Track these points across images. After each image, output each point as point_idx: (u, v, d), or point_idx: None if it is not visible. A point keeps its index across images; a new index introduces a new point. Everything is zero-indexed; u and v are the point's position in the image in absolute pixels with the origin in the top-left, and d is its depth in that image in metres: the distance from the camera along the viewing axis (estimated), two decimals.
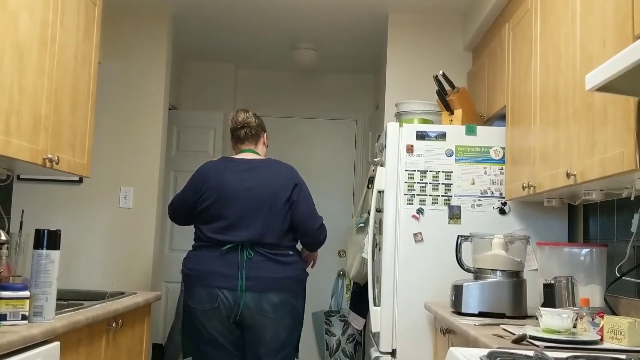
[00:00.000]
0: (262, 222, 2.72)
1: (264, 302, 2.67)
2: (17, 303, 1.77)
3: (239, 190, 2.75)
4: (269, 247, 2.73)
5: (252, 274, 2.68)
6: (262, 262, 2.71)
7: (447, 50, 3.77)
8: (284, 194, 2.77)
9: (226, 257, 2.70)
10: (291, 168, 2.90)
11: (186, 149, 4.81)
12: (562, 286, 2.24)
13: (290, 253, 2.80)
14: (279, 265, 2.73)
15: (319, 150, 5.14)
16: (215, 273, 2.69)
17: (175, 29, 4.00)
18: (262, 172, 2.82)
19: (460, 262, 2.58)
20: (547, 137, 2.26)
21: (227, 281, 2.67)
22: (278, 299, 2.69)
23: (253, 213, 2.72)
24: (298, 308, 2.79)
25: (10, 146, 2.02)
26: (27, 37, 2.10)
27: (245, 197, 2.74)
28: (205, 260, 2.74)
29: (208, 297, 2.68)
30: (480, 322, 2.19)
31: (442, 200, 2.87)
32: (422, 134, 2.92)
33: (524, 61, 2.60)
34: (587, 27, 1.93)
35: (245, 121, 2.93)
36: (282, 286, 2.71)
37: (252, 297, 2.66)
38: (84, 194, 3.60)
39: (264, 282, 2.68)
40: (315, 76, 5.21)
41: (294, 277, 2.76)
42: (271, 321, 2.69)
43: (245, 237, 2.70)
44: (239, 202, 2.74)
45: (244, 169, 2.82)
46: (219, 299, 2.66)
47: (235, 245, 2.70)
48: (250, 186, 2.76)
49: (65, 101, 2.43)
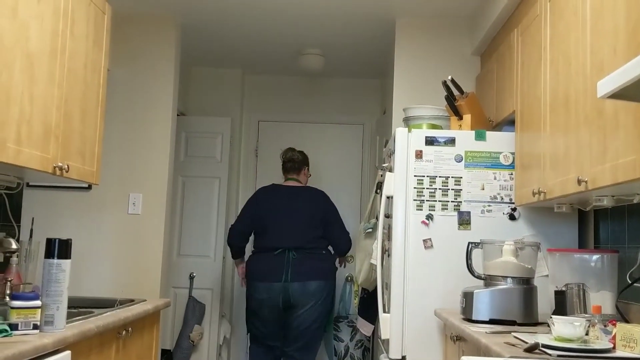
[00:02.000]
0: (301, 233, 3.87)
1: (306, 289, 3.79)
2: (28, 312, 1.77)
3: (285, 210, 3.91)
4: (307, 250, 3.85)
5: (296, 269, 3.79)
6: (302, 260, 3.82)
7: (455, 55, 3.76)
8: (318, 214, 3.94)
9: (276, 258, 3.82)
10: (324, 194, 4.06)
11: (194, 154, 4.81)
12: (573, 293, 2.22)
13: (323, 252, 3.95)
14: (315, 261, 3.86)
15: (326, 155, 5.13)
16: (269, 270, 3.80)
17: (183, 34, 4.01)
18: (302, 197, 3.99)
19: (471, 269, 2.57)
20: (558, 142, 2.25)
21: (278, 276, 3.78)
22: (316, 285, 3.81)
23: (295, 227, 3.86)
24: (331, 291, 3.92)
25: (22, 155, 2.03)
26: (37, 47, 2.11)
27: (289, 215, 3.88)
28: (258, 262, 3.89)
29: (265, 289, 3.80)
30: (491, 329, 2.18)
31: (452, 206, 2.87)
32: (431, 139, 2.92)
33: (533, 66, 2.59)
34: (597, 33, 1.92)
35: (291, 158, 4.12)
36: (318, 276, 3.82)
37: (298, 285, 3.78)
38: (93, 201, 3.61)
39: (305, 274, 3.79)
40: (322, 81, 5.22)
41: (327, 269, 3.91)
42: (311, 302, 3.80)
43: (290, 244, 3.83)
44: (284, 219, 3.87)
45: (288, 194, 4.00)
46: (271, 290, 3.78)
47: (283, 250, 3.82)
48: (293, 207, 3.92)
49: (75, 109, 2.44)
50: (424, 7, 3.61)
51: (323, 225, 3.95)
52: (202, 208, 4.74)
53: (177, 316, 4.59)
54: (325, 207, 3.98)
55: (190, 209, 4.75)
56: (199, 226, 4.72)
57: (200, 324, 4.56)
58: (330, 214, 3.98)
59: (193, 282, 4.66)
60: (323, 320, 3.93)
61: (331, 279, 3.92)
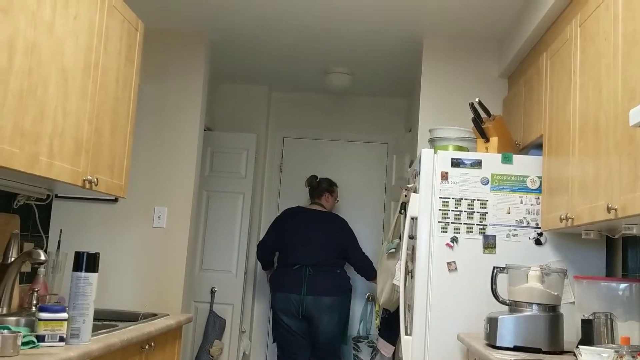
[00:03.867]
0: (318, 252, 4.28)
1: (319, 302, 4.18)
2: (55, 325, 1.79)
3: (305, 230, 4.36)
4: (322, 267, 4.25)
5: (311, 284, 4.20)
6: (317, 276, 4.23)
7: (482, 76, 3.76)
8: (335, 238, 4.37)
9: (295, 273, 4.24)
10: (342, 221, 4.49)
11: (219, 170, 4.85)
12: (600, 322, 2.19)
13: (338, 271, 4.32)
14: (329, 279, 4.25)
15: (350, 173, 5.13)
16: (289, 283, 4.24)
17: (212, 52, 4.06)
18: (321, 220, 4.45)
19: (496, 294, 2.54)
20: (587, 168, 2.23)
21: (295, 289, 4.21)
22: (329, 300, 4.20)
23: (312, 246, 4.29)
24: (344, 307, 4.29)
25: (53, 168, 2.07)
26: (72, 62, 2.16)
27: (308, 235, 4.32)
28: (280, 275, 4.34)
29: (284, 299, 4.23)
30: (515, 356, 2.15)
31: (477, 229, 2.84)
32: (457, 161, 2.90)
33: (562, 91, 2.58)
34: (629, 59, 1.91)
35: (310, 184, 4.63)
36: (331, 292, 4.20)
37: (312, 299, 4.19)
38: (119, 213, 3.65)
39: (319, 289, 4.20)
40: (348, 99, 5.23)
41: (340, 286, 4.29)
42: (325, 315, 4.19)
43: (307, 261, 4.25)
44: (304, 239, 4.31)
45: (309, 216, 4.46)
46: (289, 300, 4.21)
47: (301, 266, 4.24)
48: (311, 228, 4.37)
49: (105, 124, 2.48)
50: (452, 28, 3.61)
51: (341, 249, 4.36)
52: (226, 223, 4.77)
53: (198, 330, 4.61)
54: (343, 233, 4.40)
55: (214, 223, 4.78)
56: (221, 241, 4.75)
57: (221, 339, 4.56)
58: (348, 241, 4.39)
59: (214, 297, 4.67)
60: (339, 331, 4.30)
61: (344, 295, 4.29)
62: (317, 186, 4.60)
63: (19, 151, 1.84)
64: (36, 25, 1.91)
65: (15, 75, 1.81)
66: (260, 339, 5.01)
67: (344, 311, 4.32)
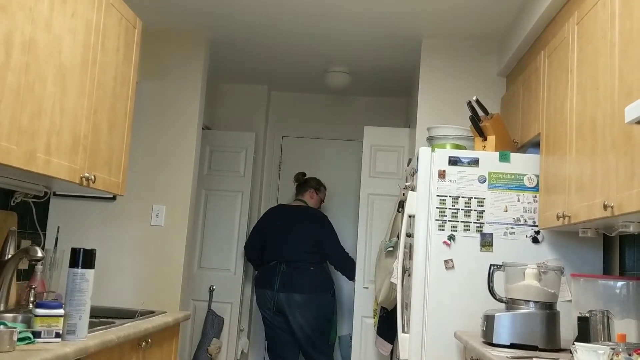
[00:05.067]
0: (292, 248, 4.29)
1: (291, 299, 4.20)
2: (51, 321, 1.80)
3: (283, 227, 4.37)
4: (296, 263, 4.26)
5: (283, 281, 4.24)
6: (291, 273, 4.25)
7: (481, 75, 3.76)
8: (312, 232, 4.35)
9: (270, 269, 4.31)
10: (322, 215, 4.49)
11: (218, 168, 4.85)
12: (597, 320, 2.19)
13: (312, 268, 4.29)
14: (302, 276, 4.23)
15: (348, 172, 5.13)
16: (264, 279, 4.32)
17: (211, 51, 4.06)
18: (299, 215, 4.45)
19: (493, 292, 2.54)
20: (584, 167, 2.23)
21: (269, 285, 4.27)
22: (300, 297, 4.20)
23: (288, 242, 4.31)
24: (321, 304, 4.25)
25: (51, 165, 2.07)
26: (69, 59, 2.16)
27: (285, 231, 4.34)
28: (261, 272, 4.42)
29: (261, 295, 4.32)
30: (512, 354, 2.15)
31: (474, 227, 2.85)
32: (454, 159, 2.91)
33: (560, 89, 2.58)
34: (626, 58, 1.91)
35: (297, 180, 4.70)
36: (303, 289, 4.21)
37: (284, 295, 4.21)
38: (117, 211, 3.65)
39: (290, 286, 4.22)
40: (347, 98, 5.24)
41: (313, 283, 4.25)
42: (297, 312, 4.21)
43: (282, 257, 4.29)
44: (281, 235, 4.35)
45: (289, 213, 4.49)
46: (265, 296, 4.29)
47: (276, 262, 4.29)
48: (289, 224, 4.38)
49: (103, 121, 2.48)
50: (451, 28, 3.61)
51: (317, 245, 4.32)
52: (224, 222, 4.77)
53: (196, 329, 4.61)
54: (321, 229, 4.38)
55: (213, 222, 4.78)
56: (220, 240, 4.75)
57: (219, 338, 4.56)
58: (324, 236, 4.35)
59: (213, 295, 4.68)
60: (317, 326, 4.27)
61: (320, 293, 4.27)
62: (303, 183, 4.65)
63: (16, 147, 1.85)
64: (34, 21, 1.91)
65: (12, 71, 1.81)
66: (259, 338, 5.01)
67: (322, 309, 4.27)
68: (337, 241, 4.41)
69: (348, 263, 4.37)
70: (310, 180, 4.68)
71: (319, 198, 4.66)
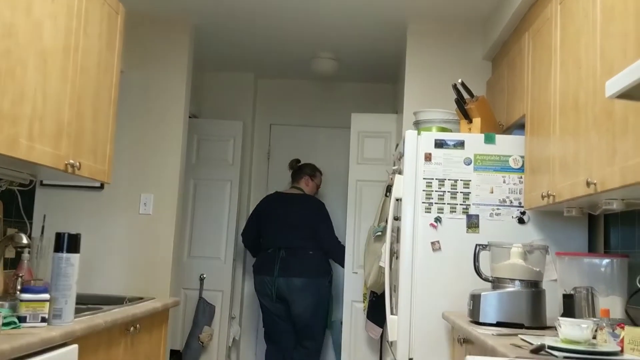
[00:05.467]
0: (290, 235, 4.33)
1: (290, 284, 4.25)
2: (37, 305, 1.79)
3: (280, 214, 4.41)
4: (294, 249, 4.31)
5: (282, 266, 4.27)
6: (290, 258, 4.29)
7: (467, 59, 3.76)
8: (308, 218, 4.38)
9: (269, 256, 4.35)
10: (318, 202, 4.52)
11: (206, 157, 4.84)
12: (582, 297, 2.21)
13: (310, 252, 4.33)
14: (300, 261, 4.28)
15: (337, 159, 5.13)
16: (263, 266, 4.36)
17: (197, 38, 4.04)
18: (296, 203, 4.48)
19: (478, 271, 2.56)
20: (567, 146, 2.24)
21: (268, 271, 4.31)
22: (300, 282, 4.25)
23: (285, 229, 4.35)
24: (318, 289, 4.30)
25: (34, 151, 2.06)
26: (51, 45, 2.14)
27: (283, 218, 4.38)
28: (259, 259, 4.46)
29: (260, 281, 4.35)
30: (498, 332, 2.17)
31: (461, 209, 2.86)
32: (440, 142, 2.92)
33: (543, 70, 2.59)
34: (607, 36, 1.92)
35: (292, 167, 4.71)
36: (302, 273, 4.25)
37: (283, 280, 4.25)
38: (105, 200, 3.64)
39: (289, 271, 4.26)
40: (335, 85, 5.23)
41: (312, 267, 4.30)
42: (297, 297, 4.26)
43: (281, 244, 4.33)
44: (278, 222, 4.39)
45: (285, 200, 4.51)
46: (264, 282, 4.32)
47: (275, 248, 4.33)
48: (286, 211, 4.41)
49: (87, 108, 2.47)
50: (436, 11, 3.61)
51: (313, 231, 4.37)
52: (214, 211, 4.77)
53: (187, 317, 4.61)
54: (317, 215, 4.41)
55: (202, 211, 4.78)
56: (210, 228, 4.75)
57: (210, 325, 4.57)
58: (319, 223, 4.39)
59: (203, 284, 4.68)
60: (316, 312, 4.34)
61: (318, 277, 4.32)
62: (298, 170, 4.66)
63: None
64: (14, 6, 1.89)
65: None
66: (250, 325, 5.02)
67: (319, 293, 4.32)
68: (330, 228, 4.43)
69: (339, 250, 4.38)
70: (304, 167, 4.68)
71: (314, 184, 4.67)
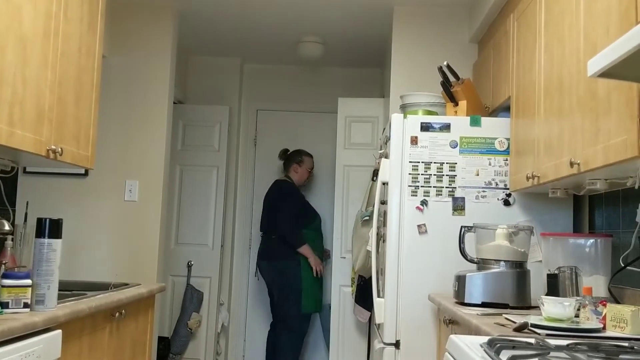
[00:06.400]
0: (264, 220, 4.64)
1: (261, 266, 4.58)
2: (19, 291, 1.78)
3: (264, 201, 4.68)
4: (268, 234, 4.57)
5: (260, 249, 4.65)
6: (264, 242, 4.63)
7: (453, 42, 3.75)
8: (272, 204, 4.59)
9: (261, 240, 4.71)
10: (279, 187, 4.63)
11: (192, 143, 4.81)
12: (565, 276, 2.22)
13: (272, 237, 4.52)
14: (266, 244, 4.58)
15: (324, 144, 5.12)
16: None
17: (181, 23, 4.00)
18: (271, 189, 4.68)
19: (464, 253, 2.57)
20: (552, 127, 2.25)
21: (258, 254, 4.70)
22: (265, 264, 4.55)
23: (264, 214, 4.65)
24: (280, 270, 4.45)
25: (14, 137, 2.03)
26: (30, 29, 2.11)
27: (264, 205, 4.66)
28: None
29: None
30: (483, 312, 2.18)
31: (447, 192, 2.86)
32: (426, 125, 2.91)
33: (528, 51, 2.59)
34: (591, 15, 1.91)
35: (283, 156, 4.81)
36: (265, 256, 4.56)
37: (259, 262, 4.62)
38: (90, 187, 3.61)
39: (260, 254, 4.63)
40: (322, 70, 5.20)
41: (272, 250, 4.51)
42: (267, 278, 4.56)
43: (261, 229, 4.68)
44: (263, 209, 4.68)
45: (270, 187, 4.69)
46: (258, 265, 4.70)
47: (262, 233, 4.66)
48: (266, 199, 4.66)
49: (69, 93, 2.44)
50: None
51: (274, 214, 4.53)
52: (200, 197, 4.75)
53: (175, 304, 4.61)
54: (274, 197, 4.59)
55: (188, 198, 4.76)
56: (197, 215, 4.73)
57: (199, 312, 4.57)
58: (276, 203, 4.55)
59: (191, 270, 4.67)
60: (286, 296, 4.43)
61: (277, 259, 4.47)
62: (287, 159, 4.75)
63: None
64: None
65: None
66: (239, 311, 5.03)
67: (285, 276, 4.41)
68: (285, 213, 4.44)
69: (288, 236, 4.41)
70: (292, 155, 4.74)
71: (303, 170, 4.71)
